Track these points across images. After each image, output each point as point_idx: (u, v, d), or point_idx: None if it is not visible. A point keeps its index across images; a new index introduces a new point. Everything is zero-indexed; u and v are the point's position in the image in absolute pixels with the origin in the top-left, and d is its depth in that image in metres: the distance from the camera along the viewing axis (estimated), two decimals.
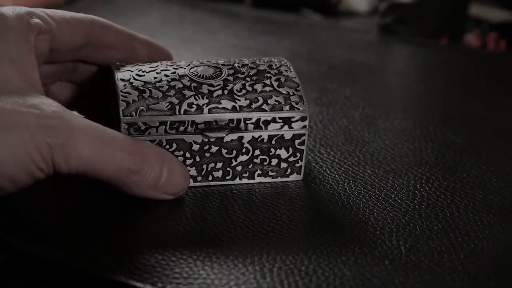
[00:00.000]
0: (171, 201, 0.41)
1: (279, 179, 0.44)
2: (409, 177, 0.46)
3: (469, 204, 0.43)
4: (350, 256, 0.38)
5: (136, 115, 0.40)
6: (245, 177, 0.43)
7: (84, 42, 0.42)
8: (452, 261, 0.38)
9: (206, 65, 0.43)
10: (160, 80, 0.42)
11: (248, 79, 0.43)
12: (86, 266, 0.36)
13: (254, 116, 0.42)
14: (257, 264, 0.37)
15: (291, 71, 0.44)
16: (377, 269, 0.37)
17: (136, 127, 0.40)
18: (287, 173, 0.44)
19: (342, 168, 0.47)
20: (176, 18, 0.80)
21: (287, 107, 0.43)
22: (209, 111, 0.41)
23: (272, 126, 0.42)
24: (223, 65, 0.44)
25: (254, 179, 0.44)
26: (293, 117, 0.43)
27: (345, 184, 0.45)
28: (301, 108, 0.43)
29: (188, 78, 0.42)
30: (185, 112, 0.41)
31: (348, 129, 0.53)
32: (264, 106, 0.42)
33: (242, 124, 0.42)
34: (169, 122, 0.41)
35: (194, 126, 0.41)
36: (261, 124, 0.42)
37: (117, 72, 0.42)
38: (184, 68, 0.43)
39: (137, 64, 0.43)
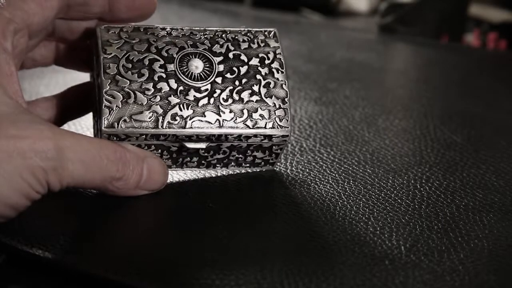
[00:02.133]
0: (172, 202, 0.41)
1: (251, 169, 0.45)
2: (409, 177, 0.46)
3: (469, 203, 0.43)
4: (350, 256, 0.38)
5: (117, 127, 0.40)
6: (218, 167, 0.44)
7: (58, 9, 0.40)
8: (452, 261, 0.38)
9: (197, 52, 0.42)
10: (147, 79, 0.40)
11: (237, 82, 0.42)
12: (86, 266, 0.36)
13: (236, 132, 0.42)
14: (257, 264, 0.37)
15: (282, 71, 0.43)
16: (377, 269, 0.37)
17: (117, 136, 0.40)
18: (260, 166, 0.45)
19: (342, 168, 0.47)
20: (176, 18, 0.80)
21: (270, 124, 0.42)
22: (192, 125, 0.41)
23: (253, 139, 0.42)
24: (214, 53, 0.42)
25: (227, 169, 0.44)
26: (275, 134, 0.42)
27: (345, 184, 0.45)
28: (283, 126, 0.42)
29: (176, 78, 0.41)
30: (168, 125, 0.40)
31: (348, 129, 0.53)
32: (248, 122, 0.42)
33: (223, 137, 0.42)
34: (149, 134, 0.40)
35: (174, 137, 0.41)
36: (242, 138, 0.42)
37: (103, 56, 0.40)
38: (174, 57, 0.41)
39: (125, 41, 0.41)
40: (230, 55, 0.42)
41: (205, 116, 0.41)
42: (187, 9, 0.83)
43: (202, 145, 0.42)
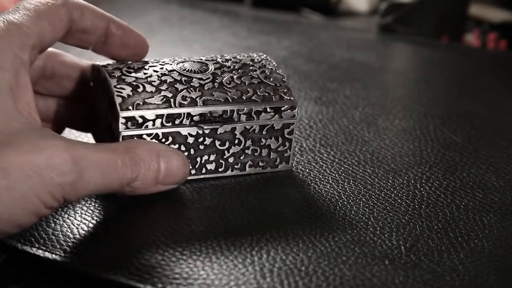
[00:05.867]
0: (171, 202, 0.42)
1: (269, 169, 0.45)
2: (409, 177, 0.46)
3: (469, 203, 0.43)
4: (350, 256, 0.38)
5: (133, 109, 0.41)
6: (236, 169, 0.44)
7: (64, 33, 0.40)
8: (452, 261, 0.38)
9: (191, 61, 0.44)
10: (151, 75, 0.42)
11: (234, 72, 0.44)
12: (86, 266, 0.36)
13: (246, 107, 0.43)
14: (257, 264, 0.37)
15: (274, 64, 0.46)
16: (377, 269, 0.37)
17: (134, 121, 0.41)
18: (276, 163, 0.45)
19: (342, 168, 0.47)
20: (176, 18, 0.80)
21: (277, 97, 0.44)
22: (204, 103, 0.42)
23: (264, 116, 0.43)
24: (207, 60, 0.45)
25: (245, 170, 0.44)
26: (283, 106, 0.44)
27: (345, 184, 0.45)
28: (290, 98, 0.44)
29: (177, 73, 0.43)
30: (180, 105, 0.41)
31: (348, 129, 0.53)
32: (255, 97, 0.43)
33: (235, 115, 0.43)
34: (165, 115, 0.41)
35: (189, 119, 0.42)
36: (253, 114, 0.43)
37: (105, 69, 0.42)
38: (171, 64, 0.44)
39: (122, 62, 0.43)
40: (222, 59, 0.45)
41: (213, 95, 0.43)
42: (187, 9, 0.83)
43: (217, 126, 0.42)
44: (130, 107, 0.41)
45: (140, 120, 0.41)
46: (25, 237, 0.38)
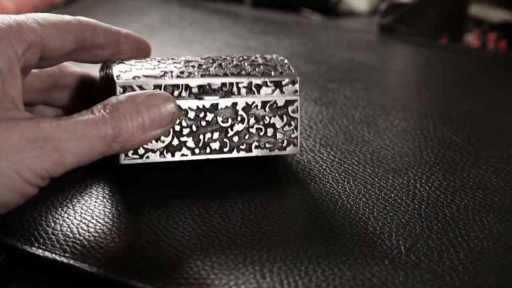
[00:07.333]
0: (170, 201, 0.42)
1: (276, 152, 0.44)
2: (409, 177, 0.46)
3: (469, 203, 0.43)
4: (350, 256, 0.38)
5: (130, 80, 0.41)
6: (242, 150, 0.44)
7: (74, 46, 0.41)
8: (452, 261, 0.38)
9: (194, 55, 0.46)
10: (151, 60, 0.44)
11: (235, 58, 0.45)
12: (85, 266, 0.36)
13: (246, 80, 0.43)
14: (257, 264, 0.37)
15: (277, 55, 0.46)
16: (377, 269, 0.37)
17: (131, 90, 0.41)
18: (283, 145, 0.45)
19: (342, 168, 0.47)
20: (176, 18, 0.80)
21: (277, 73, 0.44)
22: (202, 76, 0.43)
23: (264, 90, 0.44)
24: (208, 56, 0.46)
25: (251, 152, 0.44)
26: (284, 80, 0.44)
27: (345, 183, 0.45)
28: (290, 74, 0.44)
29: (177, 59, 0.44)
30: (177, 77, 0.42)
31: (348, 129, 0.53)
32: (254, 73, 0.44)
33: (234, 88, 0.43)
34: (163, 85, 0.42)
35: (188, 90, 0.42)
36: (253, 88, 0.43)
37: (106, 60, 0.44)
38: (174, 58, 0.45)
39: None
40: (225, 55, 0.46)
41: (211, 71, 0.43)
42: (187, 9, 0.83)
43: (216, 97, 0.43)
44: (128, 78, 0.41)
45: (138, 90, 0.41)
46: (25, 236, 0.38)
